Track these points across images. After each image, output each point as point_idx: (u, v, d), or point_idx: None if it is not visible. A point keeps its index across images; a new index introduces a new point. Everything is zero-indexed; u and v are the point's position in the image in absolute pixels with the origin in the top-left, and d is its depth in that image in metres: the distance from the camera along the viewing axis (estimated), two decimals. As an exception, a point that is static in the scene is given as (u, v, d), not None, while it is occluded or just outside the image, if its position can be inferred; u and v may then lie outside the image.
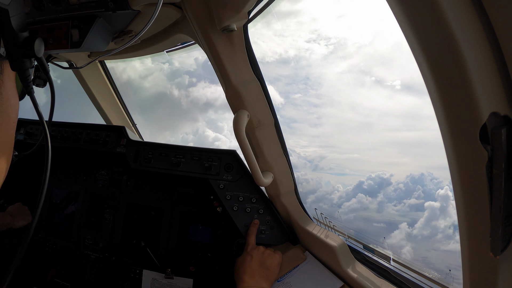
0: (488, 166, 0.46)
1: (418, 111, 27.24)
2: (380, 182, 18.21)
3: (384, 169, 20.16)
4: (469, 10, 0.44)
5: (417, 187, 15.51)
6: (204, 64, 3.61)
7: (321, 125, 12.31)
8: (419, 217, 11.74)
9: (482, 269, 0.54)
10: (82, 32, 0.84)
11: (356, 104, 3.12)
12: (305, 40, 17.64)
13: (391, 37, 15.31)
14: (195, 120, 34.55)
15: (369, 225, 7.72)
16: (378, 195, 17.90)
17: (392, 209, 14.50)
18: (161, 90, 15.97)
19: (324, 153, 21.21)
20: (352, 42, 18.56)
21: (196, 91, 33.16)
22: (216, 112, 35.44)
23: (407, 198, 14.45)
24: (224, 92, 1.10)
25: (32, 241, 1.62)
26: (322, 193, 13.11)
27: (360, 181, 15.26)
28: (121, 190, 1.52)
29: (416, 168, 24.37)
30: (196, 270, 1.37)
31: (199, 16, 0.93)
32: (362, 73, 27.11)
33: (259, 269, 1.14)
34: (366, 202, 14.74)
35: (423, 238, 10.66)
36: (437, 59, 0.46)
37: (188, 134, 35.88)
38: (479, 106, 0.45)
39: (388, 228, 8.52)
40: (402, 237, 8.05)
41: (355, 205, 12.65)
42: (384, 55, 20.78)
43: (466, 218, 0.53)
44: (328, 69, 18.90)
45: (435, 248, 10.39)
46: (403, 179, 18.12)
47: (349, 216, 10.03)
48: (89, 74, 1.72)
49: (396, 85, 26.68)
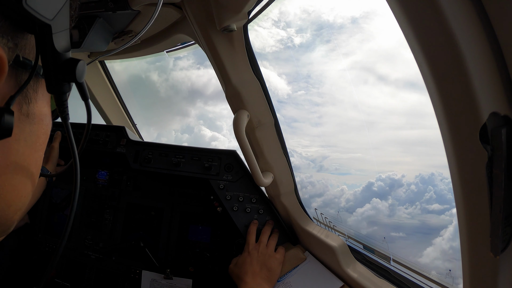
0: (488, 166, 0.46)
1: (422, 109, 26.59)
2: (391, 183, 17.05)
3: (392, 169, 19.30)
4: (469, 10, 0.44)
5: (428, 187, 14.45)
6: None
7: (322, 124, 12.16)
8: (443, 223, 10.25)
9: (482, 269, 0.54)
10: (82, 32, 0.84)
11: (358, 102, 2.99)
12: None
13: (392, 35, 15.16)
14: (186, 115, 27.56)
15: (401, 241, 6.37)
16: (391, 198, 16.67)
17: (417, 218, 13.34)
18: (136, 73, 14.05)
19: (326, 152, 20.46)
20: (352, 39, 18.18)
21: (184, 75, 27.82)
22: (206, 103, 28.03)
23: (428, 202, 12.87)
24: (224, 92, 1.10)
25: (32, 241, 1.62)
26: (329, 197, 12.54)
27: (370, 182, 14.36)
28: (121, 190, 1.52)
29: (422, 167, 23.28)
30: (196, 271, 1.37)
31: (199, 16, 0.93)
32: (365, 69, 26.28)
33: (260, 270, 1.13)
34: (383, 208, 13.50)
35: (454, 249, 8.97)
36: (437, 59, 0.46)
37: (182, 133, 32.27)
38: (479, 106, 0.45)
39: (419, 242, 7.02)
40: (436, 255, 6.57)
41: (370, 212, 11.45)
42: (388, 51, 20.29)
43: (466, 218, 0.53)
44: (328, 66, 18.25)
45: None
46: (412, 179, 17.21)
47: (365, 226, 9.00)
48: (89, 74, 1.72)
49: (400, 81, 25.46)
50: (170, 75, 4.28)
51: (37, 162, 0.42)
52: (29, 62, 0.36)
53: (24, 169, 0.39)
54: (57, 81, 0.39)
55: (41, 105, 0.40)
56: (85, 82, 0.46)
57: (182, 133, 10.51)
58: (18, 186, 0.39)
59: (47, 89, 0.40)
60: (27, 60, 0.36)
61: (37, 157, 0.42)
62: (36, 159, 0.42)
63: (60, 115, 0.45)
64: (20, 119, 0.37)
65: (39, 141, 0.41)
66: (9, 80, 0.34)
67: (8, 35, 0.33)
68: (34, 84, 0.38)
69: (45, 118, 0.41)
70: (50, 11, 0.35)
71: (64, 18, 0.37)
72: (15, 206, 0.40)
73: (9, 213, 0.39)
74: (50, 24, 0.35)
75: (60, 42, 0.37)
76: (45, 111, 0.42)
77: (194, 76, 6.70)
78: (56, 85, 0.40)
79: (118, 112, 1.94)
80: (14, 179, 0.38)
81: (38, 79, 0.39)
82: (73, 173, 0.49)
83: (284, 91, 1.78)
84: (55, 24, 0.35)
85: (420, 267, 1.03)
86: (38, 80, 0.39)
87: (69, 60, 0.39)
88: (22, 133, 0.38)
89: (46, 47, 0.36)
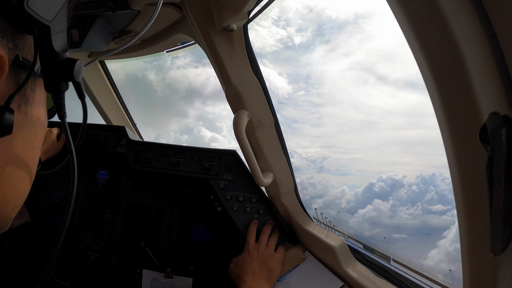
0: (488, 166, 0.46)
1: (423, 109, 26.57)
2: (393, 184, 16.91)
3: (392, 169, 19.17)
4: (469, 10, 0.44)
5: (430, 188, 14.29)
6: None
7: (322, 125, 12.13)
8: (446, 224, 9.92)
9: (482, 269, 0.54)
10: (82, 32, 0.84)
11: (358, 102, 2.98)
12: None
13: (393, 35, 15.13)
14: (185, 115, 27.24)
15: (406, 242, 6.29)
16: (392, 198, 16.51)
17: (419, 219, 13.14)
18: (132, 72, 13.65)
19: (326, 153, 20.31)
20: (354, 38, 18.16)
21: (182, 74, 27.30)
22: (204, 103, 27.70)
23: (429, 203, 12.79)
24: (224, 92, 1.10)
25: (32, 241, 1.62)
26: (331, 198, 12.39)
27: (371, 183, 14.28)
28: (121, 190, 1.52)
29: (421, 167, 23.10)
30: (196, 269, 1.37)
31: (199, 16, 0.93)
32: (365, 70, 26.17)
33: (260, 270, 1.13)
34: (384, 209, 13.33)
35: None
36: (437, 59, 0.46)
37: (182, 134, 31.68)
38: (479, 106, 0.45)
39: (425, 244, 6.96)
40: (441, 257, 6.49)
41: (372, 213, 11.29)
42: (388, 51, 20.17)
43: (466, 218, 0.53)
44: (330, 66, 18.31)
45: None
46: (413, 180, 17.05)
47: (366, 227, 8.74)
48: (89, 74, 1.72)
49: (400, 81, 25.46)
50: (168, 74, 4.23)
51: (35, 160, 0.43)
52: (28, 62, 0.37)
53: (22, 167, 0.40)
54: (55, 80, 0.40)
55: (39, 104, 0.41)
56: (81, 82, 0.46)
57: (182, 134, 10.44)
58: (17, 184, 0.40)
59: (45, 88, 0.41)
60: (26, 60, 0.37)
61: (35, 154, 0.43)
62: (34, 157, 0.42)
63: (58, 113, 0.46)
64: (19, 118, 0.37)
65: (37, 139, 0.42)
66: (8, 80, 0.35)
67: (8, 35, 0.33)
68: (32, 84, 0.39)
69: (42, 117, 0.42)
70: (50, 12, 0.35)
71: (62, 19, 0.38)
72: (13, 203, 0.41)
73: (7, 210, 0.40)
74: (49, 25, 0.36)
75: (59, 42, 0.38)
76: (42, 110, 0.43)
77: (192, 75, 6.64)
78: (54, 84, 0.41)
79: (118, 112, 1.94)
80: (12, 177, 0.39)
81: (36, 78, 0.40)
82: (71, 170, 0.50)
83: (284, 90, 1.78)
84: (54, 25, 0.36)
85: (420, 267, 1.03)
86: (35, 80, 0.40)
87: (67, 60, 0.40)
88: (21, 132, 0.38)
89: (45, 48, 0.37)
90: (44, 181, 1.65)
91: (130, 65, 2.01)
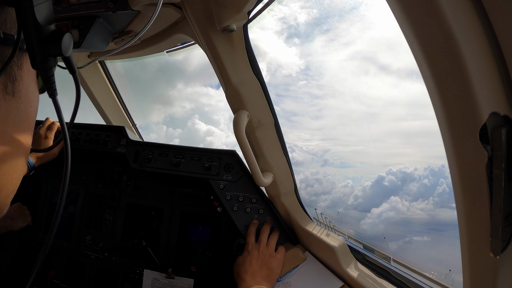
0: (488, 166, 0.46)
1: (425, 99, 26.09)
2: (403, 177, 16.18)
3: (399, 161, 18.45)
4: (469, 10, 0.44)
5: (440, 180, 13.55)
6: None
7: (322, 118, 11.78)
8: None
9: (482, 269, 0.54)
10: (82, 32, 0.84)
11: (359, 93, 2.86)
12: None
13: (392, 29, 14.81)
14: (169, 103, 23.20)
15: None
16: (404, 193, 15.76)
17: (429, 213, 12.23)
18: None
19: (327, 146, 19.73)
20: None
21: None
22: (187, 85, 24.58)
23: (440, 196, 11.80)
24: (224, 92, 1.10)
25: (32, 241, 1.62)
26: (338, 195, 11.92)
27: (380, 176, 13.69)
28: (121, 190, 1.52)
29: (426, 159, 22.05)
30: (197, 270, 1.37)
31: (199, 16, 0.93)
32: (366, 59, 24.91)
33: (260, 270, 1.13)
34: (404, 208, 12.16)
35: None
36: (437, 59, 0.46)
37: (175, 128, 29.82)
38: (479, 106, 0.45)
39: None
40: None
41: (390, 213, 10.23)
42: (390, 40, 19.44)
43: (466, 218, 0.53)
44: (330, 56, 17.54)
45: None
46: (421, 172, 16.27)
47: (371, 227, 8.06)
48: (89, 74, 1.72)
49: (402, 70, 24.08)
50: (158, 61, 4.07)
51: (27, 143, 0.40)
52: (11, 37, 0.34)
53: (14, 152, 0.38)
54: (42, 55, 0.36)
55: (27, 82, 0.38)
56: (71, 57, 0.42)
57: (175, 129, 10.26)
58: (9, 170, 0.38)
59: (32, 64, 0.37)
60: (9, 35, 0.34)
61: (27, 137, 0.40)
62: (26, 140, 0.40)
63: (48, 91, 0.42)
64: (6, 99, 0.35)
65: (28, 121, 0.39)
66: None
67: None
68: (18, 61, 0.36)
69: (32, 96, 0.39)
70: None
71: None
72: (6, 190, 0.39)
73: (0, 197, 0.38)
74: None
75: (42, 13, 0.35)
76: (32, 88, 0.39)
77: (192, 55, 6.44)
78: (40, 60, 0.37)
79: (118, 112, 1.94)
80: (4, 162, 0.37)
81: (22, 54, 0.37)
82: (64, 150, 0.46)
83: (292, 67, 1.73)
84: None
85: (420, 267, 1.03)
86: (22, 56, 0.37)
87: (54, 33, 0.36)
88: (10, 114, 0.36)
89: (28, 20, 0.34)
90: (44, 181, 1.65)
91: (129, 64, 1.99)
